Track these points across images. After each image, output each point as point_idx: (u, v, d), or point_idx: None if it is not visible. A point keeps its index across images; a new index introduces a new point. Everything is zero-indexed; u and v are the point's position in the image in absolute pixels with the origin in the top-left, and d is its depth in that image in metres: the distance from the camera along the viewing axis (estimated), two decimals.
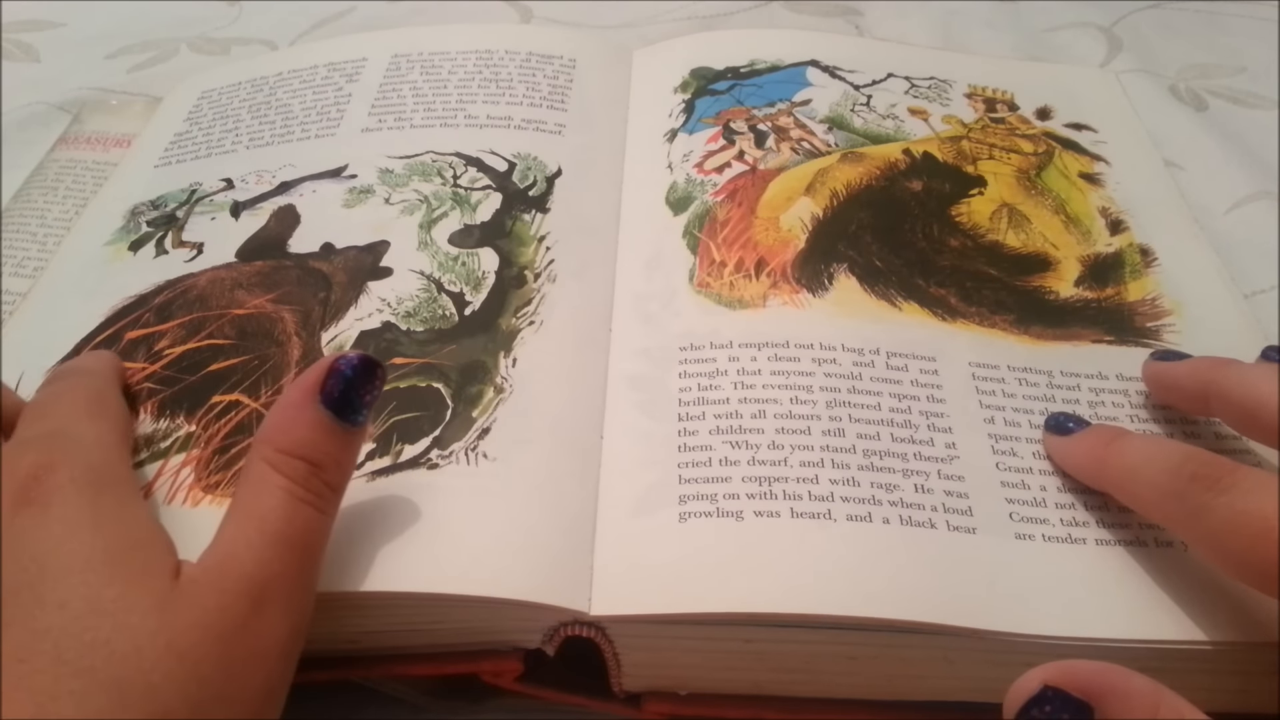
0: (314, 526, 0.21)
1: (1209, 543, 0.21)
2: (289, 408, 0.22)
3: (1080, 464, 0.25)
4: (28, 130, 0.44)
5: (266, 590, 0.19)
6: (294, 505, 0.20)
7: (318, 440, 0.21)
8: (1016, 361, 0.29)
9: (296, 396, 0.22)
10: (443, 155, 0.36)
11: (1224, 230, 0.35)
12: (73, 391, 0.24)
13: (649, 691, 0.25)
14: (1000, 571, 0.23)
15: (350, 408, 0.22)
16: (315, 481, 0.21)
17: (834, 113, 0.38)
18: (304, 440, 0.21)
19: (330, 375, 0.22)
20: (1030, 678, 0.18)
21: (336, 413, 0.22)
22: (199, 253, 0.33)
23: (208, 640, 0.18)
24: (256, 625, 0.19)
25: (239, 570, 0.19)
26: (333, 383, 0.22)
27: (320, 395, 0.21)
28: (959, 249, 0.32)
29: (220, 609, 0.19)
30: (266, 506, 0.20)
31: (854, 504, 0.24)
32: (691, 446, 0.26)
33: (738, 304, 0.30)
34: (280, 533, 0.20)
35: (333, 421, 0.21)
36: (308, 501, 0.21)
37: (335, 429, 0.22)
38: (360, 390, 0.22)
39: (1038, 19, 0.49)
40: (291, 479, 0.21)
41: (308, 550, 0.21)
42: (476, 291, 0.31)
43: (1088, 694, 0.18)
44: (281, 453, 0.21)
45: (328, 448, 0.21)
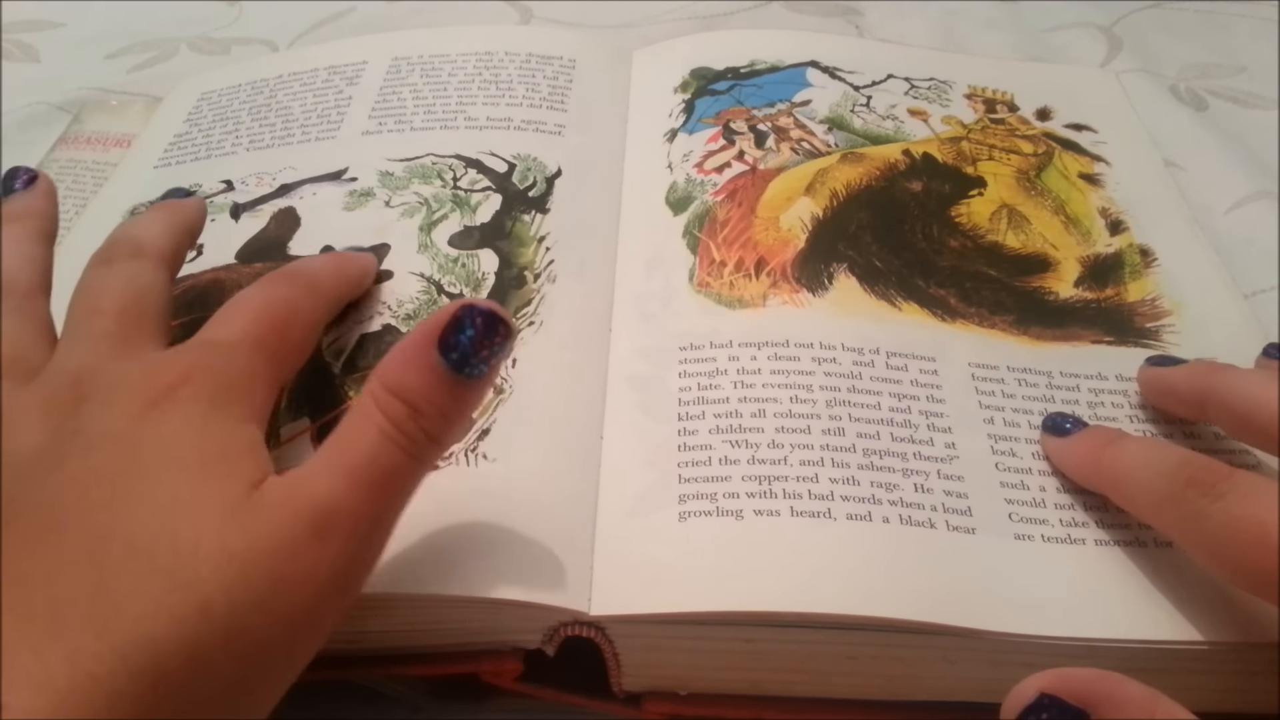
0: (400, 470, 0.20)
1: (1205, 548, 0.21)
2: (407, 347, 0.21)
3: (1077, 465, 0.25)
4: (28, 130, 0.44)
5: (332, 519, 0.19)
6: (383, 444, 0.20)
7: (424, 386, 0.21)
8: (1016, 362, 0.29)
9: (417, 337, 0.21)
10: (443, 157, 0.36)
11: (1224, 230, 0.35)
12: (266, 308, 0.24)
13: (649, 691, 0.25)
14: (999, 572, 0.23)
15: (466, 360, 0.21)
16: (412, 426, 0.20)
17: (834, 113, 0.38)
18: (411, 383, 0.21)
19: (452, 322, 0.21)
20: (1027, 685, 0.18)
21: (452, 362, 0.21)
22: (199, 254, 0.33)
23: (260, 550, 0.19)
24: (315, 550, 0.19)
25: (308, 493, 0.20)
26: (451, 330, 0.21)
27: (438, 341, 0.21)
28: (959, 250, 0.32)
29: (279, 524, 0.19)
30: (356, 440, 0.20)
31: (854, 503, 0.24)
32: (691, 446, 0.26)
33: (737, 303, 0.30)
34: (359, 468, 0.20)
35: (446, 370, 0.21)
36: (399, 444, 0.20)
37: (446, 378, 0.21)
38: (480, 343, 0.21)
39: (1038, 19, 0.49)
40: (388, 417, 0.20)
41: (386, 491, 0.20)
42: (476, 293, 0.31)
43: (1084, 700, 0.18)
44: (388, 391, 0.20)
45: (433, 395, 0.21)
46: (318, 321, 0.26)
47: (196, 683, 0.17)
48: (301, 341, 0.25)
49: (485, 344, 0.21)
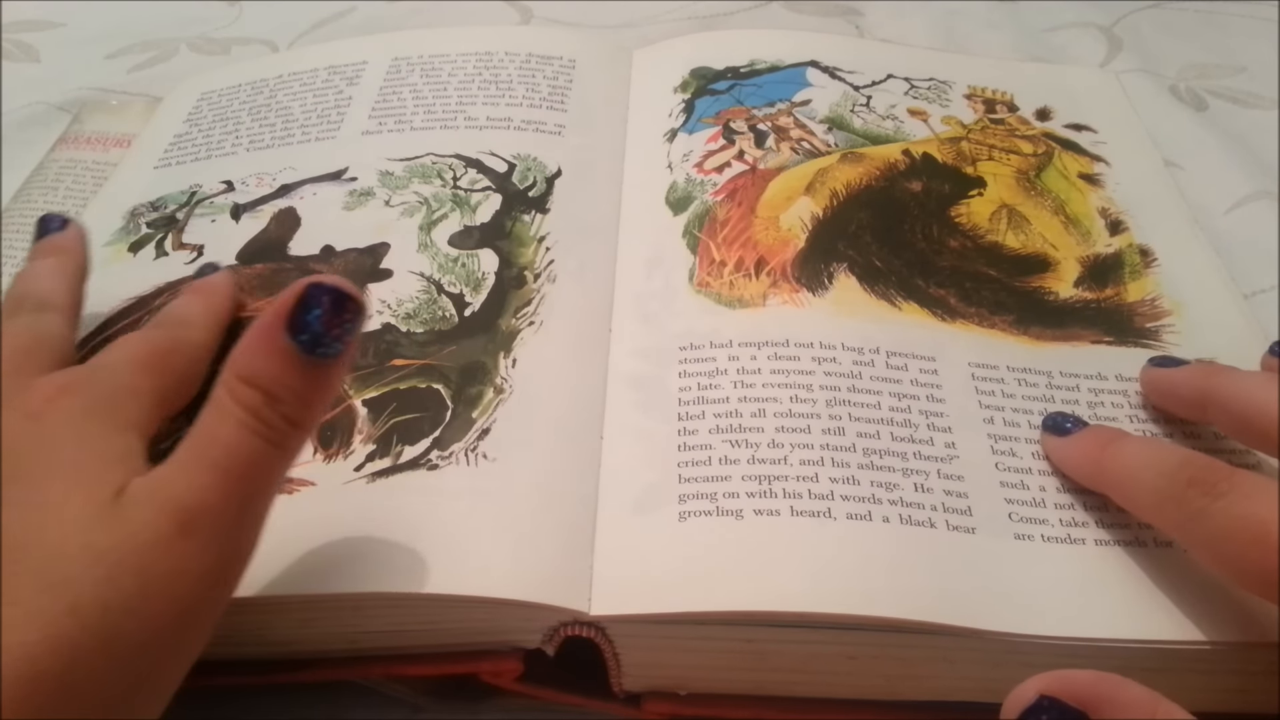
0: (262, 460, 0.20)
1: (1206, 547, 0.21)
2: (256, 333, 0.20)
3: (1077, 465, 0.25)
4: (28, 130, 0.44)
5: (197, 516, 0.19)
6: (242, 435, 0.20)
7: (278, 371, 0.20)
8: (1016, 362, 0.29)
9: (265, 321, 0.20)
10: (443, 157, 0.36)
11: (1224, 230, 0.35)
12: (146, 340, 0.25)
13: (649, 691, 0.25)
14: (999, 571, 0.23)
15: (318, 340, 0.20)
16: (269, 413, 0.20)
17: (834, 113, 0.38)
18: (263, 370, 0.20)
19: (299, 304, 0.20)
20: (1027, 687, 0.18)
21: (303, 344, 0.20)
22: (199, 255, 0.33)
23: (126, 549, 0.19)
24: (182, 547, 0.19)
25: (171, 491, 0.19)
26: (301, 312, 0.20)
27: (286, 324, 0.20)
28: (959, 249, 0.32)
29: (144, 523, 0.19)
30: (215, 433, 0.20)
31: (854, 503, 0.24)
32: (691, 446, 0.26)
33: (737, 303, 0.30)
34: (221, 461, 0.20)
35: (298, 353, 0.20)
36: (259, 434, 0.20)
37: (300, 361, 0.20)
38: (330, 322, 0.20)
39: (1038, 19, 0.49)
40: (245, 408, 0.20)
41: (251, 482, 0.20)
42: (476, 292, 0.31)
43: (1083, 702, 0.18)
44: (240, 380, 0.20)
45: (289, 380, 0.20)
46: (201, 348, 0.26)
47: (75, 685, 0.17)
48: (186, 369, 0.25)
49: (335, 323, 0.20)
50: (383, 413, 0.27)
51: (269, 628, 0.24)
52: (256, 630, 0.24)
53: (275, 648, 0.25)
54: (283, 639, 0.25)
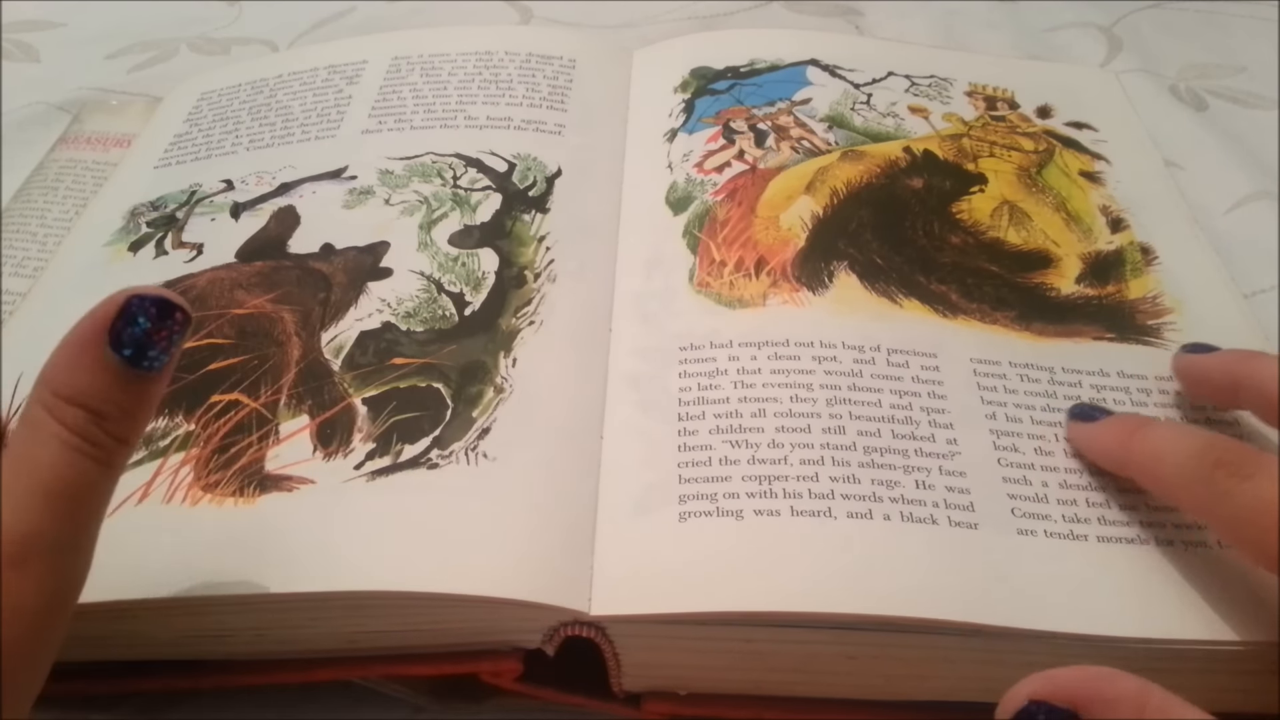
0: (92, 481, 0.19)
1: (1231, 528, 0.21)
2: (71, 346, 0.19)
3: (1105, 448, 0.25)
4: (28, 130, 0.44)
5: (28, 548, 0.18)
6: (70, 458, 0.19)
7: (102, 387, 0.19)
8: (1018, 358, 0.28)
9: (82, 334, 0.19)
10: (442, 156, 0.36)
11: (1224, 230, 0.35)
12: None
13: (649, 691, 0.25)
14: (1002, 567, 0.23)
15: (142, 353, 0.19)
16: (96, 432, 0.19)
17: (834, 111, 0.38)
18: (86, 386, 0.19)
19: (121, 317, 0.19)
20: (1017, 691, 0.18)
21: (126, 357, 0.19)
22: (199, 253, 0.33)
23: None
24: (15, 582, 0.18)
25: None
26: (123, 325, 0.19)
27: (108, 337, 0.19)
28: (960, 246, 0.32)
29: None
30: (39, 457, 0.19)
31: (854, 501, 0.24)
32: (691, 446, 0.26)
33: (737, 303, 0.30)
34: (50, 486, 0.18)
35: (121, 366, 0.19)
36: (86, 454, 0.19)
37: (124, 374, 0.19)
38: (155, 334, 0.19)
39: (1038, 19, 0.49)
40: (69, 428, 0.19)
41: (83, 506, 0.19)
42: (476, 292, 0.31)
43: (1073, 701, 0.18)
44: (59, 398, 0.19)
45: (114, 395, 0.19)
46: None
47: None
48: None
49: (161, 334, 0.19)
50: (383, 411, 0.27)
51: (269, 628, 0.24)
52: (256, 630, 0.24)
53: (275, 647, 0.25)
54: (283, 639, 0.25)
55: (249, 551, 0.24)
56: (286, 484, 0.25)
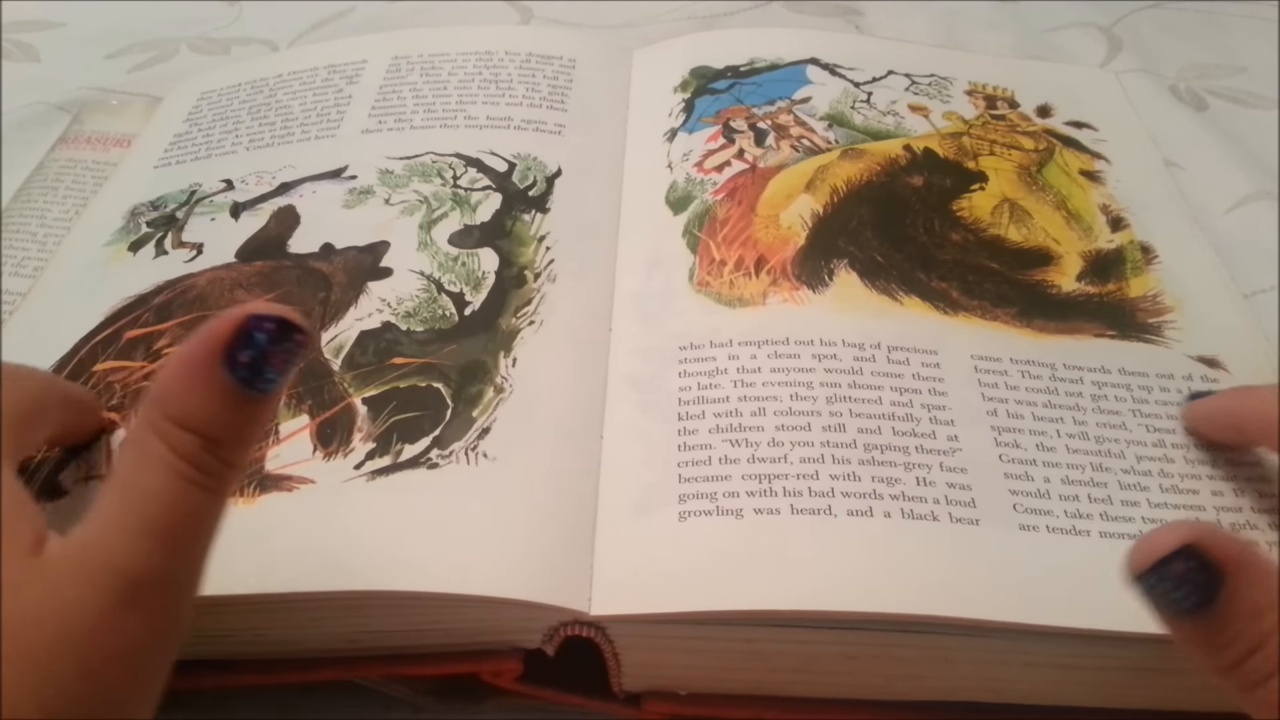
0: (203, 512, 0.18)
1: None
2: (184, 365, 0.18)
3: (1219, 409, 0.26)
4: (28, 130, 0.44)
5: (139, 587, 0.17)
6: (182, 488, 0.18)
7: (217, 411, 0.18)
8: (1019, 354, 0.28)
9: (195, 353, 0.18)
10: (442, 156, 0.36)
11: (1224, 230, 0.35)
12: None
13: (649, 691, 0.25)
14: (1003, 562, 0.23)
15: (260, 374, 0.18)
16: (208, 459, 0.18)
17: (834, 110, 0.38)
18: (200, 410, 0.18)
19: (237, 335, 0.18)
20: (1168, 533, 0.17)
21: (243, 379, 0.18)
22: (198, 253, 0.33)
23: (63, 639, 0.16)
24: (123, 624, 0.17)
25: (109, 561, 0.17)
26: (241, 346, 0.18)
27: (224, 358, 0.18)
28: (960, 243, 0.32)
29: (80, 603, 0.17)
30: (149, 486, 0.18)
31: (855, 499, 0.24)
32: (691, 445, 0.26)
33: (737, 302, 0.30)
34: (161, 521, 0.17)
35: (239, 389, 0.18)
36: (198, 483, 0.18)
37: (241, 397, 0.18)
38: (272, 354, 0.18)
39: (1038, 19, 0.49)
40: (182, 455, 0.18)
41: (194, 540, 0.18)
42: (476, 291, 0.31)
43: (1226, 561, 0.17)
44: (171, 421, 0.18)
45: (228, 420, 0.18)
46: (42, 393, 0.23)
47: None
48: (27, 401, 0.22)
49: (278, 354, 0.18)
50: (383, 411, 0.27)
51: (269, 627, 0.24)
52: (256, 630, 0.24)
53: (275, 647, 0.25)
54: (283, 639, 0.25)
55: (249, 551, 0.24)
56: (286, 484, 0.25)
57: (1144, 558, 0.17)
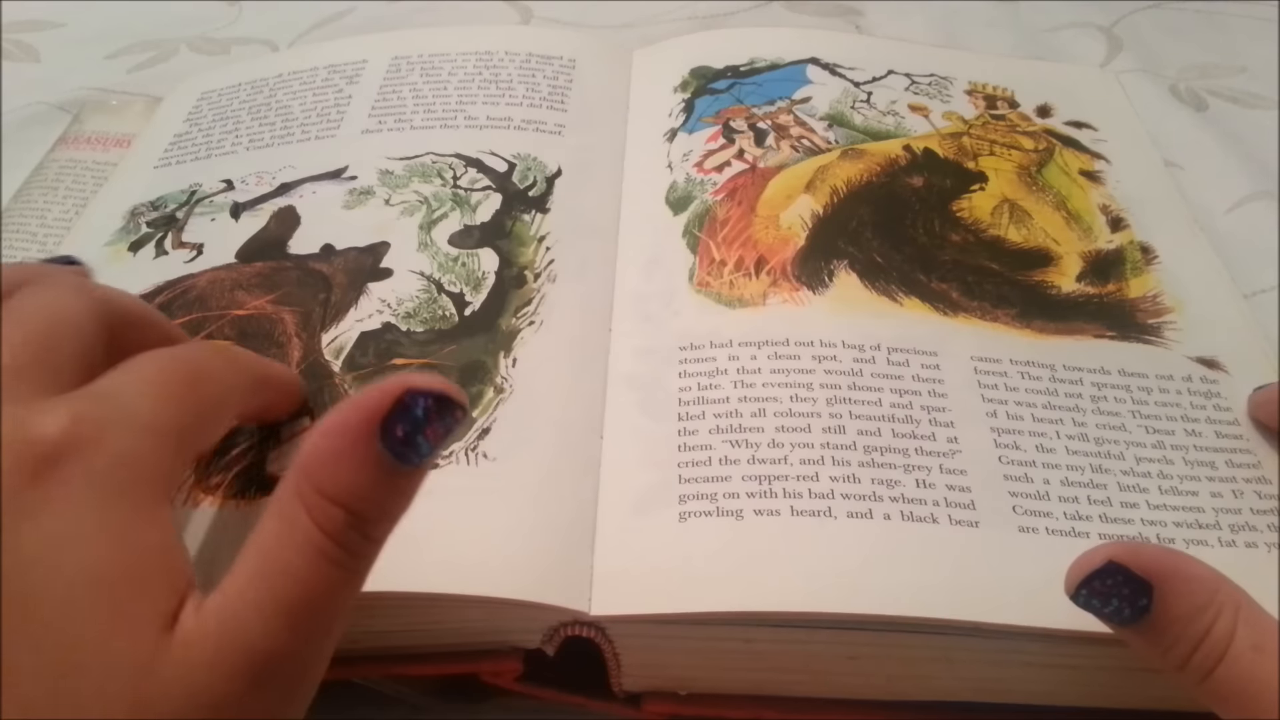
0: (341, 594, 0.17)
1: None
2: (340, 438, 0.17)
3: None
4: (28, 130, 0.44)
5: (270, 668, 0.16)
6: (324, 567, 0.17)
7: (367, 485, 0.17)
8: (1019, 355, 0.28)
9: (352, 425, 0.17)
10: (443, 156, 0.36)
11: (1224, 230, 0.35)
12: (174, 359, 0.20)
13: (649, 691, 0.25)
14: (1003, 564, 0.23)
15: (415, 449, 0.17)
16: (354, 538, 0.17)
17: (834, 110, 0.38)
18: (350, 484, 0.17)
19: (397, 409, 0.17)
20: (1096, 552, 0.18)
21: (397, 454, 0.17)
22: (199, 254, 0.33)
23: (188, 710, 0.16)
24: (251, 706, 0.16)
25: (242, 641, 0.16)
26: (398, 420, 0.17)
27: (380, 432, 0.17)
28: (960, 244, 0.32)
29: (210, 688, 0.16)
30: (290, 564, 0.17)
31: (854, 500, 0.24)
32: (691, 446, 0.26)
33: (737, 303, 0.30)
34: (299, 601, 0.17)
35: (392, 465, 0.17)
36: (339, 564, 0.17)
37: (394, 472, 0.17)
38: (430, 430, 0.17)
39: (1038, 19, 0.49)
40: (328, 534, 0.17)
41: (329, 620, 0.17)
42: (476, 292, 0.31)
43: (1151, 573, 0.18)
44: (322, 496, 0.17)
45: (379, 496, 0.17)
46: (235, 384, 0.21)
47: None
48: (216, 399, 0.20)
49: (437, 430, 0.17)
50: None
51: None
52: None
53: None
54: None
55: None
56: None
57: (1074, 577, 0.19)
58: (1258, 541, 0.24)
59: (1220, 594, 0.18)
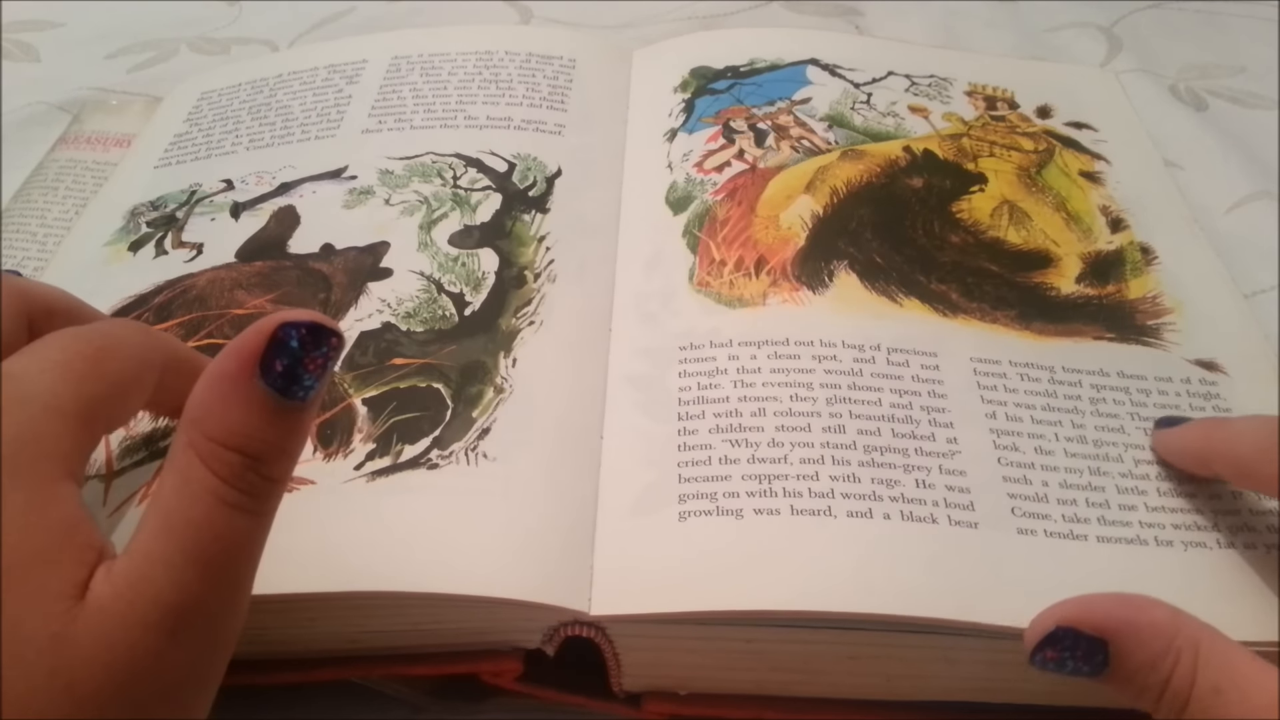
0: (248, 538, 0.18)
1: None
2: (218, 380, 0.17)
3: (1189, 446, 0.25)
4: (28, 130, 0.44)
5: (184, 618, 0.17)
6: (225, 513, 0.17)
7: (257, 425, 0.17)
8: (1018, 357, 0.29)
9: (230, 368, 0.17)
10: (443, 156, 0.36)
11: (1224, 230, 0.35)
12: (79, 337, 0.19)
13: (649, 691, 0.25)
14: (1001, 566, 0.23)
15: (297, 381, 0.17)
16: (253, 478, 0.17)
17: (834, 111, 0.38)
18: (238, 425, 0.17)
19: (273, 347, 0.17)
20: (1047, 615, 0.18)
21: (280, 389, 0.17)
22: (198, 253, 0.33)
23: (112, 682, 0.16)
24: (170, 657, 0.16)
25: (153, 596, 0.16)
26: (275, 355, 0.17)
27: (259, 369, 0.17)
28: (960, 245, 0.32)
29: (128, 645, 0.16)
30: (192, 514, 0.17)
31: (854, 500, 0.24)
32: (691, 446, 0.26)
33: (737, 303, 0.30)
34: (206, 549, 0.17)
35: (277, 401, 0.17)
36: (242, 507, 0.17)
37: (280, 409, 0.17)
38: (308, 361, 0.17)
39: (1038, 19, 0.49)
40: (224, 478, 0.17)
41: (239, 566, 0.18)
42: (476, 292, 0.31)
43: (1103, 630, 0.18)
44: (212, 441, 0.17)
45: (270, 434, 0.17)
46: (146, 360, 0.21)
47: None
48: (125, 375, 0.20)
49: (315, 360, 0.18)
50: (383, 412, 0.27)
51: (269, 628, 0.24)
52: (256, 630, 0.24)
53: (275, 648, 0.25)
54: (283, 639, 0.25)
55: None
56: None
57: (1029, 642, 0.18)
58: (1256, 543, 0.24)
59: (1178, 638, 0.18)
